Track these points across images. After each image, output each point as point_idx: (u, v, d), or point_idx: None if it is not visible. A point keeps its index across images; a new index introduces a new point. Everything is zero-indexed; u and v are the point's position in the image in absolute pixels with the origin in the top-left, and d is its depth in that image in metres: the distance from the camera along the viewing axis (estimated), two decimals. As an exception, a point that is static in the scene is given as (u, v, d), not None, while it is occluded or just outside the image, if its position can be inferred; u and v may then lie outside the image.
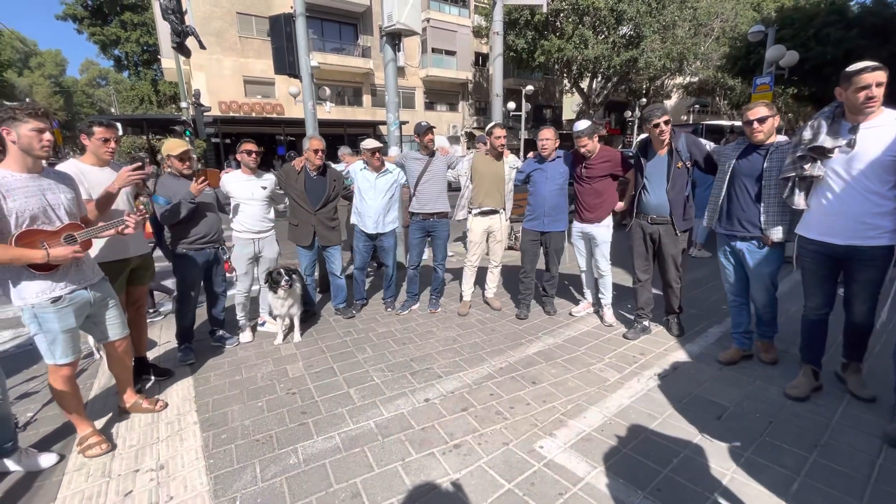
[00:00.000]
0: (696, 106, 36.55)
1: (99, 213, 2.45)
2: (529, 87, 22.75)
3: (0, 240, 1.91)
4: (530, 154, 4.02)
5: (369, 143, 3.85)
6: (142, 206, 2.61)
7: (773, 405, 2.54)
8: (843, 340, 2.65)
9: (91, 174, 2.57)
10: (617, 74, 22.55)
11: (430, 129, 3.93)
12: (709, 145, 3.25)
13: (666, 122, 3.07)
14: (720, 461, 2.10)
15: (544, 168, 3.75)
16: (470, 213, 4.07)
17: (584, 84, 23.98)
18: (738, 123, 13.43)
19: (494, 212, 4.02)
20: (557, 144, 3.76)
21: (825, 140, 2.34)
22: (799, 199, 2.50)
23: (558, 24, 20.42)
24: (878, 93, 2.19)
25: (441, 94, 26.83)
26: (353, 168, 4.03)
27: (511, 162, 4.01)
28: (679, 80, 29.47)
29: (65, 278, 2.11)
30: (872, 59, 2.37)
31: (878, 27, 13.07)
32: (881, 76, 2.19)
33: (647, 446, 2.22)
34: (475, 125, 27.62)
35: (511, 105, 23.17)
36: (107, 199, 2.48)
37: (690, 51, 21.04)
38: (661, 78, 26.27)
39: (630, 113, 27.86)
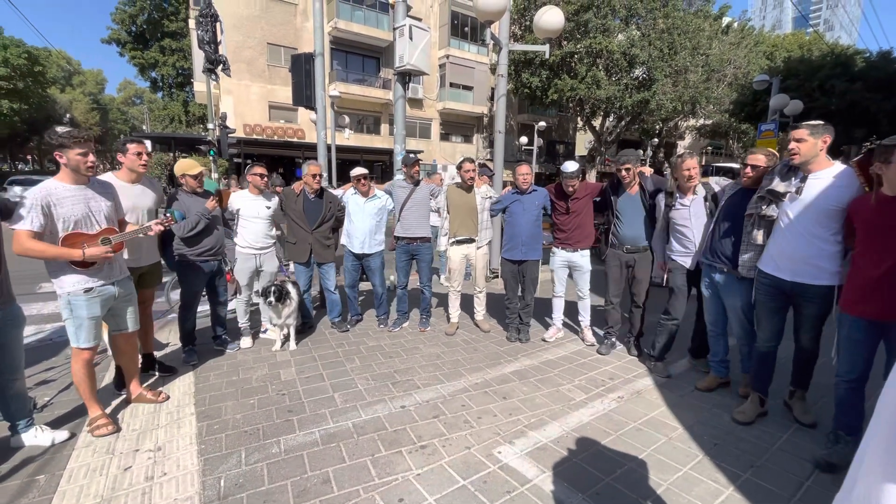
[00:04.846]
0: (710, 147, 37.02)
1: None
2: (542, 123, 23.46)
3: (51, 239, 2.32)
4: (507, 187, 4.36)
5: (357, 171, 4.24)
6: (168, 215, 2.96)
7: (721, 430, 2.72)
8: (792, 369, 2.85)
9: (124, 189, 2.92)
10: (629, 115, 23.16)
11: (416, 161, 4.32)
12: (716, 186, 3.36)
13: (627, 170, 3.44)
14: (659, 474, 2.29)
15: (522, 200, 4.08)
16: (449, 242, 4.38)
17: (597, 122, 24.63)
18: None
19: (470, 240, 4.32)
20: (533, 178, 4.13)
21: (777, 185, 2.63)
22: (757, 235, 2.75)
23: (573, 64, 21.23)
24: (795, 146, 2.49)
25: (456, 126, 27.73)
26: (347, 193, 4.38)
27: (483, 192, 4.34)
28: (692, 122, 30.05)
29: (98, 274, 2.50)
30: (876, 111, 2.73)
31: (881, 81, 13.41)
32: (799, 133, 2.49)
33: (595, 458, 2.43)
34: (488, 157, 28.32)
35: (524, 139, 23.86)
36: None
37: (703, 95, 21.56)
38: (674, 119, 26.87)
39: (642, 152, 28.34)
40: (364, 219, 4.27)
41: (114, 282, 2.60)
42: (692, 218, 3.28)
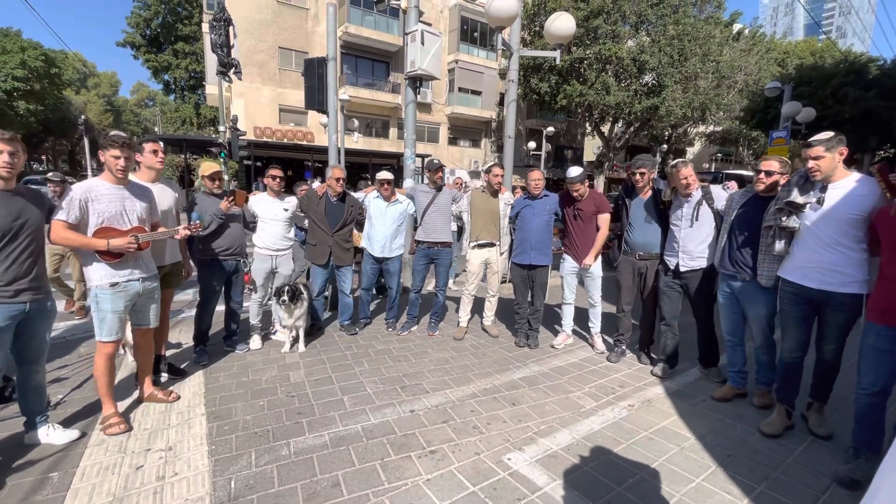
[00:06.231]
0: (719, 154, 36.74)
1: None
2: (550, 129, 23.44)
3: (81, 230, 2.48)
4: (518, 192, 4.37)
5: (382, 175, 4.26)
6: (198, 221, 3.10)
7: (734, 441, 2.68)
8: (812, 380, 2.79)
9: None
10: (638, 121, 23.05)
11: (440, 167, 4.34)
12: (719, 199, 3.28)
13: (642, 174, 3.41)
14: (672, 484, 2.26)
15: (533, 205, 4.09)
16: (470, 245, 4.38)
17: (606, 128, 24.54)
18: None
19: (491, 244, 4.32)
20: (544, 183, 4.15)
21: (796, 197, 2.60)
22: (779, 246, 2.72)
23: (582, 70, 21.20)
24: (815, 164, 2.46)
25: (465, 130, 27.79)
26: (368, 196, 4.41)
27: (506, 199, 4.35)
28: (702, 128, 29.83)
29: (123, 268, 2.61)
30: (890, 119, 2.66)
31: (896, 89, 13.26)
32: (815, 151, 2.46)
33: (606, 467, 2.40)
34: (496, 161, 28.31)
35: (532, 144, 23.86)
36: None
37: (713, 101, 21.38)
38: (684, 126, 26.69)
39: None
40: (385, 223, 4.30)
41: (140, 278, 2.70)
42: (683, 219, 3.35)
